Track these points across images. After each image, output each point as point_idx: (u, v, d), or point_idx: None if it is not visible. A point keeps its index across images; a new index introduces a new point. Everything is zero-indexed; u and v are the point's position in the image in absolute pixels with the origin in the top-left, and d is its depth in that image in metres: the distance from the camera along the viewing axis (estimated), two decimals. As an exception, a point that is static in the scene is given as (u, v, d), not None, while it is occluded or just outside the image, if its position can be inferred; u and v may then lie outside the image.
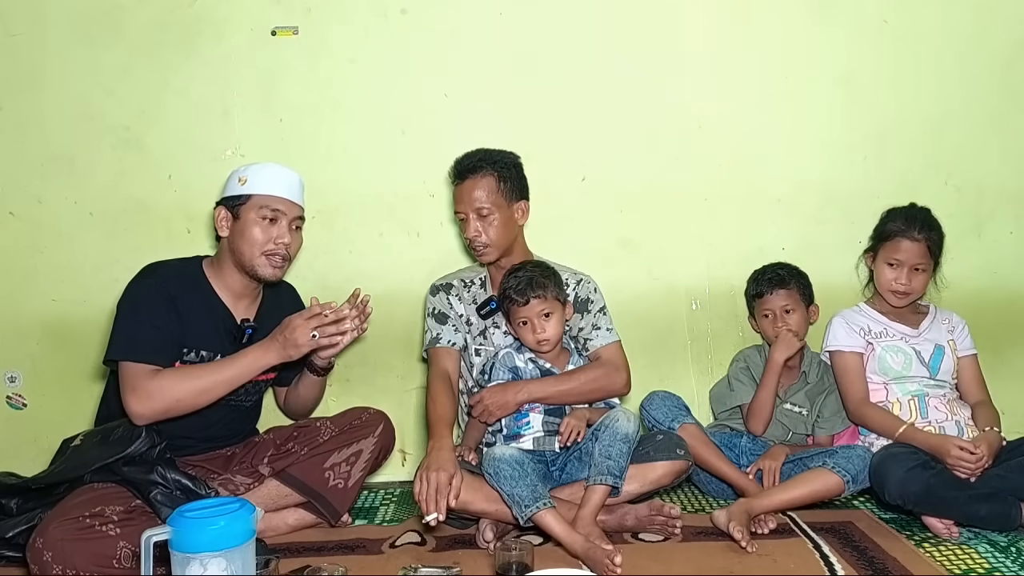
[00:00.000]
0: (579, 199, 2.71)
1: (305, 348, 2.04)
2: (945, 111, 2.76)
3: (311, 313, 2.04)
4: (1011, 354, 2.81)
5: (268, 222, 2.13)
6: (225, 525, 1.51)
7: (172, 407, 2.00)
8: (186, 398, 2.00)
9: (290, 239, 2.15)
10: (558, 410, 2.26)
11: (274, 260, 2.14)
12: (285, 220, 2.14)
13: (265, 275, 2.15)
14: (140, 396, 1.98)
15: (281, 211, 2.14)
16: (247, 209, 2.13)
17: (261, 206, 2.12)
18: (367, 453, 2.22)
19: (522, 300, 2.23)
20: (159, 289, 2.08)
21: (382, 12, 2.63)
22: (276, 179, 2.15)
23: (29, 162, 2.60)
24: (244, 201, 2.13)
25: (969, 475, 2.19)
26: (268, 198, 2.13)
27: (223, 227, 2.16)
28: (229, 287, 2.20)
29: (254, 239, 2.12)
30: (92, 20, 2.58)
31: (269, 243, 2.13)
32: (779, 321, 2.53)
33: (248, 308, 2.23)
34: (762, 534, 2.14)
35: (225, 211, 2.15)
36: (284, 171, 2.19)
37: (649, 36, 2.69)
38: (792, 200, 2.76)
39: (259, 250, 2.12)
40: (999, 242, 2.81)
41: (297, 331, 2.03)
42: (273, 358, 2.06)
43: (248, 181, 2.14)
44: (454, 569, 1.90)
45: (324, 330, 2.03)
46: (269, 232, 2.13)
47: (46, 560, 1.76)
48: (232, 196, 2.15)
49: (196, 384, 2.01)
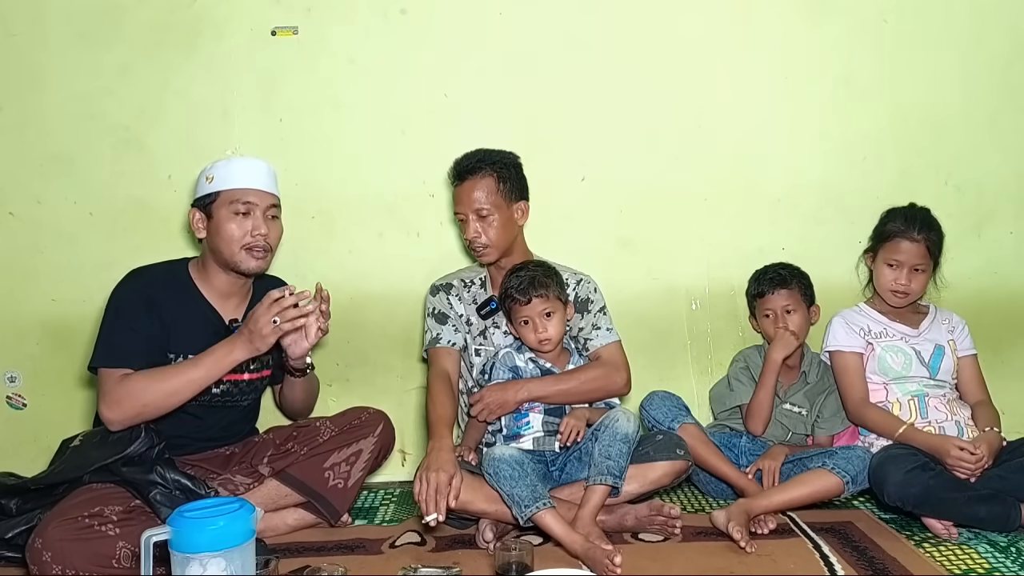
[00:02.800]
0: (579, 199, 2.71)
1: (271, 337, 1.98)
2: (945, 111, 2.76)
3: (270, 300, 1.99)
4: (1011, 354, 2.81)
5: (242, 216, 2.09)
6: (225, 525, 1.51)
7: (141, 412, 1.98)
8: (154, 401, 1.98)
9: (267, 229, 2.11)
10: (558, 410, 2.26)
11: (255, 252, 2.11)
12: (259, 210, 2.11)
13: (249, 268, 2.13)
14: (109, 402, 1.98)
15: (253, 202, 2.10)
16: (218, 207, 2.10)
17: (231, 201, 2.09)
18: (367, 453, 2.22)
19: (524, 299, 2.23)
20: (140, 293, 2.07)
21: (382, 12, 2.63)
22: (242, 171, 2.12)
23: (29, 162, 2.60)
24: (214, 199, 2.10)
25: (969, 476, 2.19)
26: (237, 192, 2.09)
27: (199, 229, 2.14)
28: (216, 287, 2.18)
29: (231, 235, 2.09)
30: (92, 20, 2.58)
31: (246, 236, 2.09)
32: (780, 321, 2.53)
33: (238, 307, 2.21)
34: (762, 534, 2.15)
35: (198, 212, 2.13)
36: (249, 161, 2.16)
37: (649, 36, 2.69)
38: (792, 200, 2.76)
39: (238, 245, 2.09)
40: (999, 242, 2.81)
41: (260, 321, 1.98)
42: (241, 353, 2.01)
43: (215, 178, 2.11)
44: (454, 569, 1.90)
45: (285, 314, 1.98)
46: (244, 225, 2.09)
47: (45, 560, 1.76)
48: (202, 196, 2.12)
49: (163, 387, 1.99)
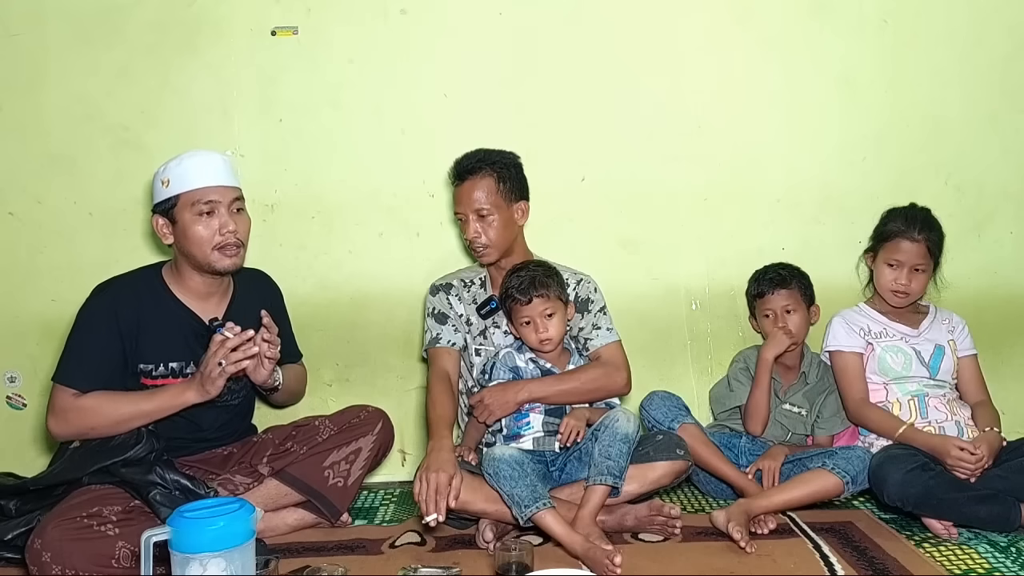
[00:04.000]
0: (579, 199, 2.71)
1: (220, 380, 1.97)
2: (945, 111, 2.76)
3: (216, 345, 1.97)
4: (1011, 354, 2.81)
5: (206, 216, 2.02)
6: (225, 525, 1.50)
7: (87, 432, 2.01)
8: (101, 425, 2.00)
9: (235, 224, 2.05)
10: (558, 410, 2.25)
11: (228, 251, 2.05)
12: (223, 207, 2.03)
13: (224, 267, 2.08)
14: (57, 417, 2.02)
15: (215, 200, 2.03)
16: (180, 211, 2.03)
17: (193, 203, 2.01)
18: (366, 451, 2.22)
19: (525, 299, 2.23)
20: (104, 310, 2.06)
21: (382, 12, 2.63)
22: (197, 169, 2.03)
23: (29, 162, 2.60)
24: (174, 203, 2.03)
25: (969, 476, 2.19)
26: (196, 192, 2.01)
27: (165, 235, 2.07)
28: (193, 289, 2.13)
29: (199, 238, 2.03)
30: (92, 20, 2.58)
31: (215, 236, 2.03)
32: (780, 321, 2.53)
33: (218, 305, 2.17)
34: (762, 534, 2.14)
35: (161, 219, 2.06)
36: (203, 157, 2.06)
37: (649, 36, 2.69)
38: (792, 200, 2.75)
39: (208, 246, 2.03)
40: (999, 242, 2.81)
41: (208, 365, 1.97)
42: (192, 396, 2.01)
43: (170, 181, 2.02)
44: (454, 569, 1.90)
45: (230, 357, 1.96)
46: (211, 225, 2.03)
47: (45, 561, 1.76)
48: (161, 201, 2.04)
49: (113, 413, 2.00)
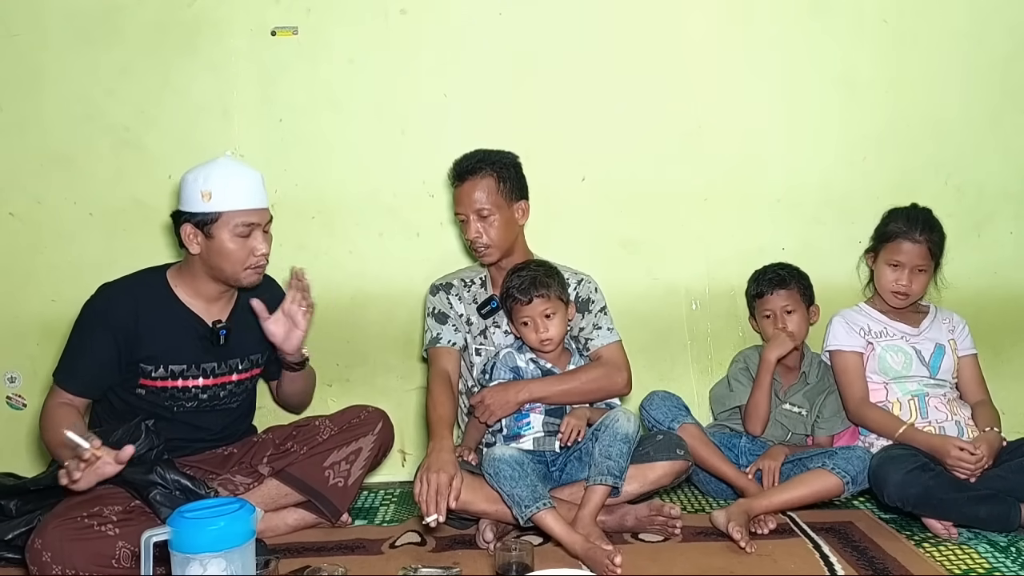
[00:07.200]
0: (579, 199, 2.71)
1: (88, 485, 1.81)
2: (945, 111, 2.76)
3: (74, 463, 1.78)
4: (1011, 354, 2.81)
5: (244, 238, 2.04)
6: (225, 525, 1.50)
7: (45, 442, 2.03)
8: (48, 442, 2.01)
9: (266, 247, 2.09)
10: (558, 410, 2.25)
11: (259, 270, 2.10)
12: (259, 230, 2.07)
13: (251, 283, 2.11)
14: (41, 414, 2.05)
15: (255, 223, 2.05)
16: (219, 228, 2.01)
17: (235, 224, 2.02)
18: (367, 451, 2.22)
19: (525, 299, 2.23)
20: (102, 314, 2.06)
21: (382, 12, 2.63)
22: (243, 191, 2.03)
23: (29, 162, 2.60)
24: (215, 219, 2.01)
25: (969, 476, 2.19)
26: (240, 214, 2.02)
27: (193, 245, 2.05)
28: (202, 294, 2.13)
29: (235, 258, 2.04)
30: (92, 20, 2.57)
31: (250, 257, 2.05)
32: (779, 321, 2.53)
33: (223, 310, 2.17)
34: (762, 534, 2.14)
35: (194, 229, 2.03)
36: (247, 178, 2.05)
37: (649, 36, 2.68)
38: (792, 200, 2.75)
39: (241, 266, 2.06)
40: (999, 242, 2.81)
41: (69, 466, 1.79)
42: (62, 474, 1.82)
43: (214, 197, 2.00)
44: (454, 569, 1.90)
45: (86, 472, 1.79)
46: (247, 246, 2.05)
47: (45, 560, 1.76)
48: (199, 214, 2.01)
49: (49, 437, 1.99)
